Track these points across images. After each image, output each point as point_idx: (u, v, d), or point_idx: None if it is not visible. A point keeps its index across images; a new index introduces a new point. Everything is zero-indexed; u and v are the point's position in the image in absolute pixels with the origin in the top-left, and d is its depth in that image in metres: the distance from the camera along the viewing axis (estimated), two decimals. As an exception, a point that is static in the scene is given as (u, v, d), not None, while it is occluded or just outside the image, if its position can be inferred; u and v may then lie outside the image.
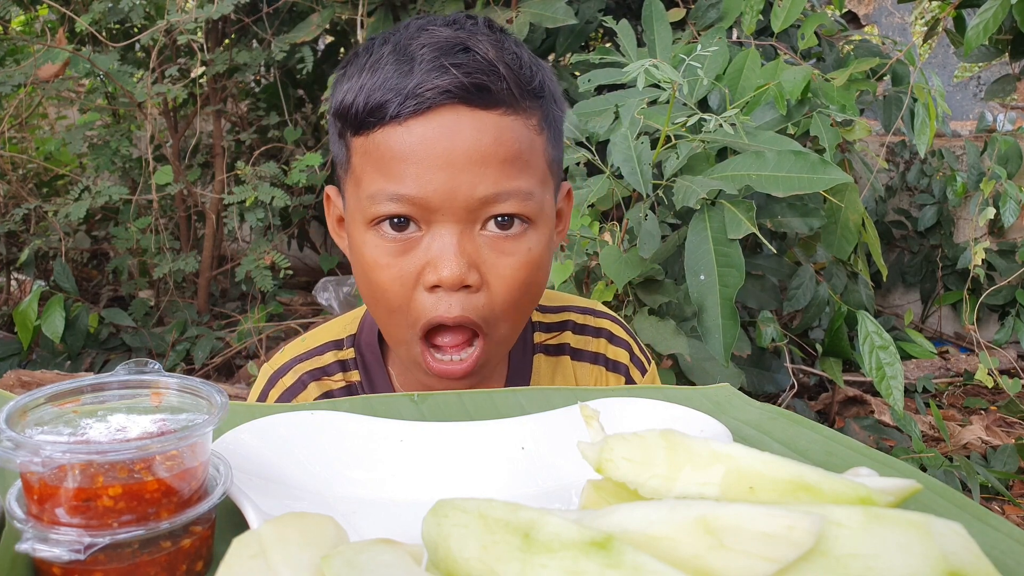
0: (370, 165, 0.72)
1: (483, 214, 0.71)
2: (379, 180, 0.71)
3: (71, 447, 0.39)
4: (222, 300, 3.18)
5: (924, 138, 1.98)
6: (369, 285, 0.75)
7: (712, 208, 1.40)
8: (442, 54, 0.69)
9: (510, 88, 0.70)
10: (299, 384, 0.84)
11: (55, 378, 2.24)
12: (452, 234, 0.70)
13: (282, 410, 0.59)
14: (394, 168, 0.70)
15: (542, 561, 0.33)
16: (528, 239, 0.73)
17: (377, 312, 0.77)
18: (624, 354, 0.92)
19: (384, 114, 0.69)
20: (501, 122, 0.70)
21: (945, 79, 4.70)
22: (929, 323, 3.50)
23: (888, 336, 1.64)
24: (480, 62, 0.70)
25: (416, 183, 0.69)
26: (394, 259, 0.72)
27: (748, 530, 0.34)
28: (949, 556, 0.34)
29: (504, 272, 0.72)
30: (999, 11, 2.11)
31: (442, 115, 0.69)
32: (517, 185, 0.71)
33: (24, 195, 2.87)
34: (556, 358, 0.91)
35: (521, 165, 0.72)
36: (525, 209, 0.72)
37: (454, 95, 0.68)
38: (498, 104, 0.70)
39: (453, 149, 0.69)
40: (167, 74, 2.54)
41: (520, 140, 0.72)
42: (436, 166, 0.69)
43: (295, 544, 0.36)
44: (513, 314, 0.75)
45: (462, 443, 0.58)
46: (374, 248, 0.72)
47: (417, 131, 0.69)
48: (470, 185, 0.69)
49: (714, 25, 2.14)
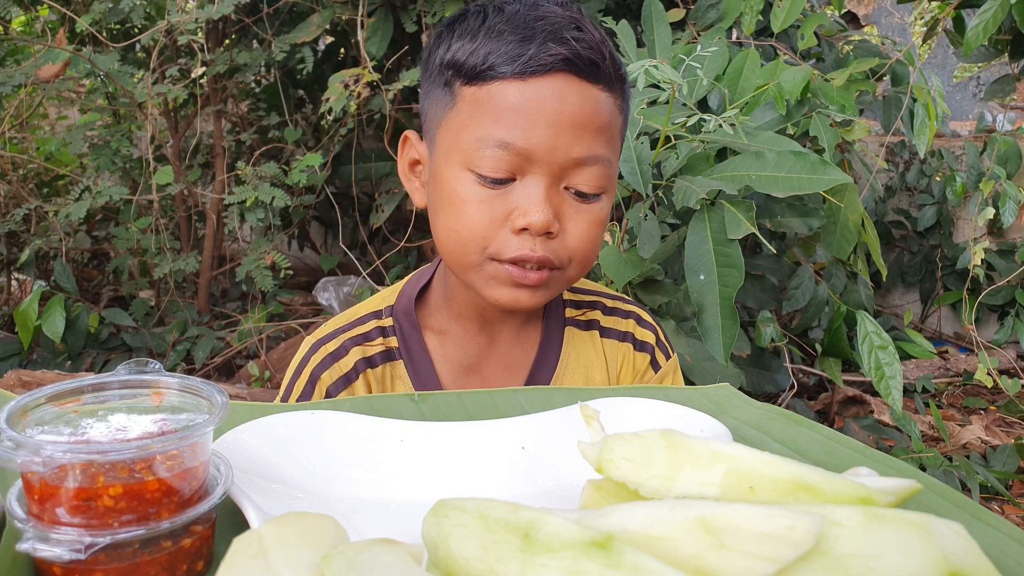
0: (480, 112, 0.78)
1: (571, 175, 0.79)
2: (490, 126, 0.77)
3: (72, 447, 0.39)
4: (222, 300, 3.18)
5: (923, 138, 1.98)
6: (454, 214, 0.80)
7: (712, 208, 1.40)
8: (560, 27, 0.78)
9: (610, 69, 0.80)
10: (342, 349, 0.90)
11: (55, 378, 2.24)
12: (542, 186, 0.78)
13: (282, 410, 0.59)
14: (506, 118, 0.77)
15: (542, 561, 0.33)
16: (602, 203, 0.82)
17: (451, 238, 0.81)
18: (651, 336, 0.98)
19: (504, 71, 0.77)
20: (600, 96, 0.79)
21: (945, 79, 4.70)
22: (928, 323, 3.50)
23: (887, 336, 1.64)
24: (591, 41, 0.78)
25: (524, 134, 0.76)
26: (487, 199, 0.79)
27: (748, 530, 0.34)
28: (949, 556, 0.34)
29: (581, 225, 0.81)
30: (999, 11, 2.11)
31: (555, 80, 0.77)
32: (605, 153, 0.80)
33: (25, 195, 2.87)
34: (587, 332, 0.96)
35: (609, 136, 0.81)
36: (604, 178, 0.81)
37: (571, 63, 0.77)
38: (601, 80, 0.79)
39: (561, 110, 0.77)
40: (167, 74, 2.54)
41: (612, 115, 0.81)
42: (545, 122, 0.76)
43: (295, 544, 0.36)
44: (583, 260, 0.83)
45: (462, 443, 0.58)
46: (470, 185, 0.79)
47: (532, 89, 0.76)
48: (569, 145, 0.77)
49: (714, 25, 2.14)
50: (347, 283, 2.97)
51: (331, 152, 2.88)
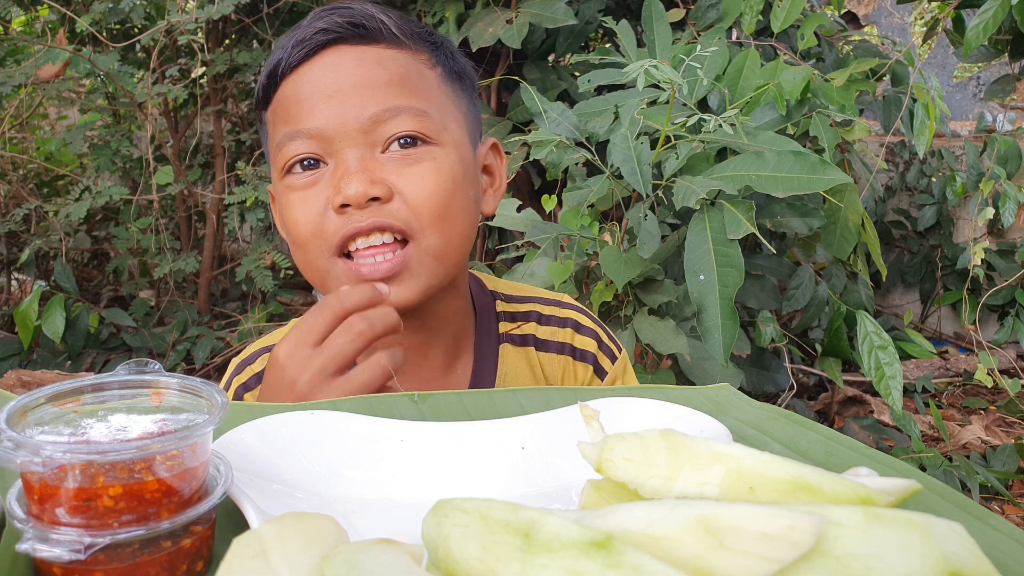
0: (277, 120, 0.78)
1: (381, 135, 0.75)
2: (282, 126, 0.77)
3: (71, 447, 0.39)
4: (222, 300, 3.18)
5: (923, 138, 1.98)
6: (287, 229, 0.79)
7: (712, 208, 1.40)
8: (324, 12, 0.77)
9: (389, 28, 0.77)
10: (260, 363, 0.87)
11: (55, 378, 2.24)
12: (354, 158, 0.74)
13: (282, 410, 0.59)
14: (292, 111, 0.76)
15: (542, 561, 0.33)
16: (432, 151, 0.76)
17: (296, 253, 0.79)
18: (591, 343, 0.92)
19: (279, 72, 0.77)
20: (383, 53, 0.77)
21: (945, 79, 4.70)
22: (928, 323, 3.50)
23: (887, 336, 1.64)
24: (359, 12, 0.77)
25: (310, 117, 0.75)
26: (304, 194, 0.76)
27: (748, 530, 0.34)
28: (949, 556, 0.34)
29: (414, 179, 0.74)
30: (999, 11, 2.11)
31: (326, 56, 0.76)
32: (408, 103, 0.75)
33: (25, 195, 2.87)
34: (522, 348, 0.91)
35: (410, 88, 0.76)
36: (421, 126, 0.75)
37: (331, 33, 0.75)
38: (378, 40, 0.77)
39: (338, 79, 0.75)
40: (167, 74, 2.54)
41: (405, 67, 0.77)
42: (325, 97, 0.74)
43: (295, 544, 0.36)
44: (436, 221, 0.75)
45: (462, 443, 0.58)
46: (288, 192, 0.77)
47: (306, 74, 0.76)
48: (359, 107, 0.74)
49: (714, 25, 2.14)
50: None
51: None
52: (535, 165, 2.46)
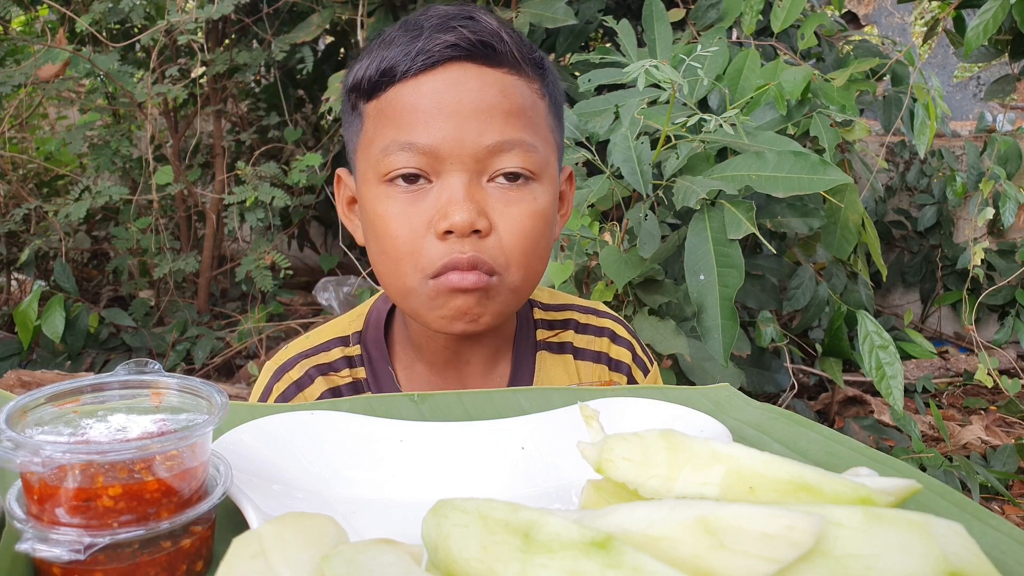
0: (383, 122, 0.75)
1: (491, 165, 0.73)
2: (392, 132, 0.73)
3: (71, 447, 0.39)
4: (222, 300, 3.18)
5: (924, 138, 1.98)
6: (378, 238, 0.76)
7: (712, 208, 1.40)
8: (449, 19, 0.74)
9: (512, 52, 0.75)
10: (306, 378, 0.84)
11: (55, 378, 2.24)
12: (461, 183, 0.72)
13: (282, 410, 0.59)
14: (404, 119, 0.73)
15: (542, 561, 0.33)
16: (533, 190, 0.75)
17: (384, 263, 0.76)
18: (627, 354, 0.92)
19: (395, 74, 0.73)
20: (505, 79, 0.74)
21: (945, 79, 4.69)
22: (929, 323, 3.50)
23: (888, 336, 1.64)
24: (485, 26, 0.74)
25: (425, 131, 0.72)
26: (405, 208, 0.73)
27: (748, 530, 0.34)
28: (949, 556, 0.34)
29: (513, 218, 0.74)
30: (999, 11, 2.11)
31: (449, 70, 0.73)
32: (522, 136, 0.74)
33: (24, 195, 2.87)
34: (559, 356, 0.91)
35: (525, 120, 0.75)
36: (529, 162, 0.74)
37: (461, 50, 0.73)
38: (502, 64, 0.74)
39: (460, 100, 0.72)
40: (167, 74, 2.54)
41: (524, 97, 0.75)
42: (444, 115, 0.72)
43: (295, 544, 0.36)
44: (524, 261, 0.75)
45: (462, 443, 0.58)
46: (386, 200, 0.74)
47: (426, 85, 0.73)
48: (477, 133, 0.72)
49: (714, 25, 2.14)
50: (347, 283, 2.97)
51: (331, 152, 2.88)
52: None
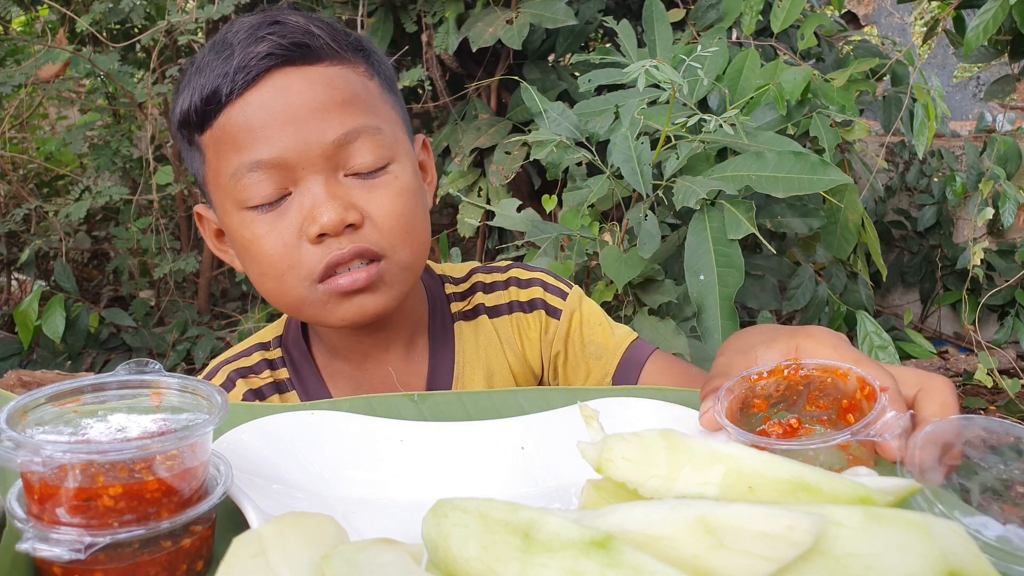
0: (223, 149, 0.74)
1: (343, 160, 0.74)
2: (235, 157, 0.73)
3: (71, 447, 0.39)
4: (222, 300, 3.18)
5: (923, 138, 1.98)
6: (255, 260, 0.76)
7: (712, 208, 1.40)
8: (256, 29, 0.74)
9: (327, 43, 0.75)
10: (228, 382, 0.86)
11: (55, 378, 2.24)
12: (319, 184, 0.73)
13: (282, 410, 0.59)
14: (244, 140, 0.72)
15: (542, 561, 0.33)
16: (392, 171, 0.76)
17: (267, 284, 0.77)
18: (536, 290, 0.93)
19: (219, 98, 0.73)
20: (329, 71, 0.74)
21: (945, 79, 4.69)
22: (928, 323, 3.49)
23: (887, 336, 1.64)
24: (293, 27, 0.74)
25: (268, 146, 0.71)
26: (271, 226, 0.73)
27: (748, 530, 0.34)
28: (948, 556, 0.34)
29: (381, 203, 0.75)
30: (999, 12, 2.11)
31: (272, 79, 0.73)
32: (363, 122, 0.74)
33: (25, 195, 2.87)
34: (475, 321, 0.92)
35: (361, 105, 0.75)
36: (380, 144, 0.75)
37: (277, 57, 0.72)
38: (321, 58, 0.74)
39: (291, 104, 0.72)
40: (167, 74, 2.54)
41: (352, 84, 0.75)
42: (281, 124, 0.71)
43: (295, 544, 0.36)
44: (405, 238, 0.76)
45: (462, 443, 0.58)
46: (252, 224, 0.74)
47: (254, 100, 0.72)
48: (319, 132, 0.72)
49: (714, 25, 2.14)
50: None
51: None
52: (535, 165, 2.46)
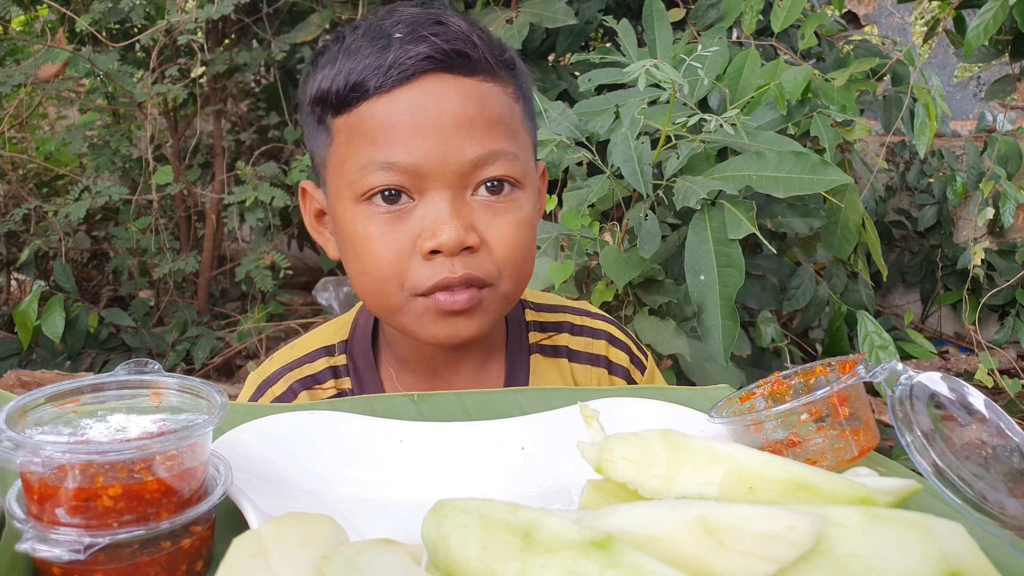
0: (357, 139, 0.71)
1: (474, 178, 0.71)
2: (368, 151, 0.70)
3: (71, 447, 0.39)
4: (222, 300, 3.18)
5: (924, 138, 1.98)
6: (359, 257, 0.73)
7: (712, 208, 1.40)
8: (418, 26, 0.71)
9: (487, 57, 0.72)
10: (289, 393, 0.83)
11: (55, 378, 2.24)
12: (445, 200, 0.70)
13: (282, 410, 0.59)
14: (382, 137, 0.69)
15: (542, 561, 0.33)
16: (518, 199, 0.74)
17: (366, 284, 0.74)
18: (624, 356, 0.92)
19: (367, 88, 0.70)
20: (483, 87, 0.72)
21: (945, 79, 4.69)
22: (929, 323, 3.49)
23: (888, 336, 1.64)
24: (456, 32, 0.71)
25: (406, 149, 0.69)
26: (387, 228, 0.71)
27: (748, 530, 0.34)
28: (949, 556, 0.34)
29: (502, 230, 0.72)
30: (999, 11, 2.11)
31: (425, 82, 0.69)
32: (504, 146, 0.72)
33: (24, 195, 2.87)
34: (554, 359, 0.89)
35: (505, 128, 0.73)
36: (513, 171, 0.73)
37: (436, 61, 0.69)
38: (477, 71, 0.71)
39: (440, 114, 0.69)
40: (167, 74, 2.54)
41: (501, 104, 0.73)
42: (425, 131, 0.69)
43: (295, 544, 0.36)
44: (515, 270, 0.74)
45: (462, 443, 0.58)
46: (366, 220, 0.71)
47: (402, 100, 0.69)
48: (459, 148, 0.70)
49: (714, 25, 2.14)
50: (347, 283, 2.97)
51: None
52: (535, 165, 2.45)
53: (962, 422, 0.49)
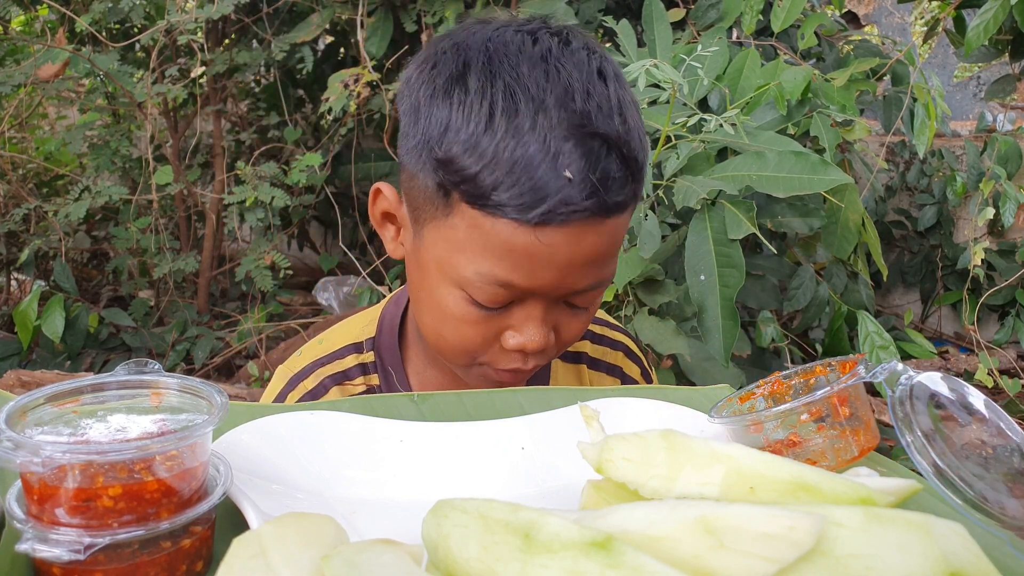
0: (481, 242, 0.66)
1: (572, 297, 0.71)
2: (491, 263, 0.66)
3: (71, 447, 0.39)
4: (222, 300, 3.18)
5: (924, 138, 1.98)
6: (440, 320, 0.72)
7: (712, 208, 1.40)
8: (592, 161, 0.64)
9: (634, 194, 0.69)
10: (321, 388, 0.83)
11: (55, 378, 2.24)
12: (540, 307, 0.70)
13: (282, 410, 0.59)
14: (511, 259, 0.66)
15: (542, 561, 0.33)
16: (597, 301, 0.75)
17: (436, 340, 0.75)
18: (637, 370, 0.94)
19: (516, 217, 0.64)
20: (619, 222, 0.68)
21: (945, 79, 4.69)
22: (929, 323, 3.49)
23: (888, 336, 1.64)
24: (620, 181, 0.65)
25: (529, 276, 0.66)
26: (479, 319, 0.70)
27: (748, 530, 0.34)
28: (949, 556, 0.34)
29: (576, 328, 0.74)
30: (999, 11, 2.11)
31: (574, 225, 0.65)
32: (609, 272, 0.71)
33: (24, 195, 2.87)
34: (574, 366, 0.91)
35: (616, 252, 0.72)
36: (605, 289, 0.75)
37: (594, 216, 0.65)
38: (623, 211, 0.68)
39: (575, 253, 0.66)
40: (167, 74, 2.54)
41: (623, 231, 0.71)
42: (555, 266, 0.66)
43: (295, 544, 0.36)
44: None
45: (462, 443, 0.58)
46: (463, 305, 0.70)
47: (546, 238, 0.64)
48: (576, 279, 0.68)
49: (714, 25, 2.14)
50: (347, 283, 2.97)
51: (331, 152, 2.88)
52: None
53: (962, 422, 0.49)
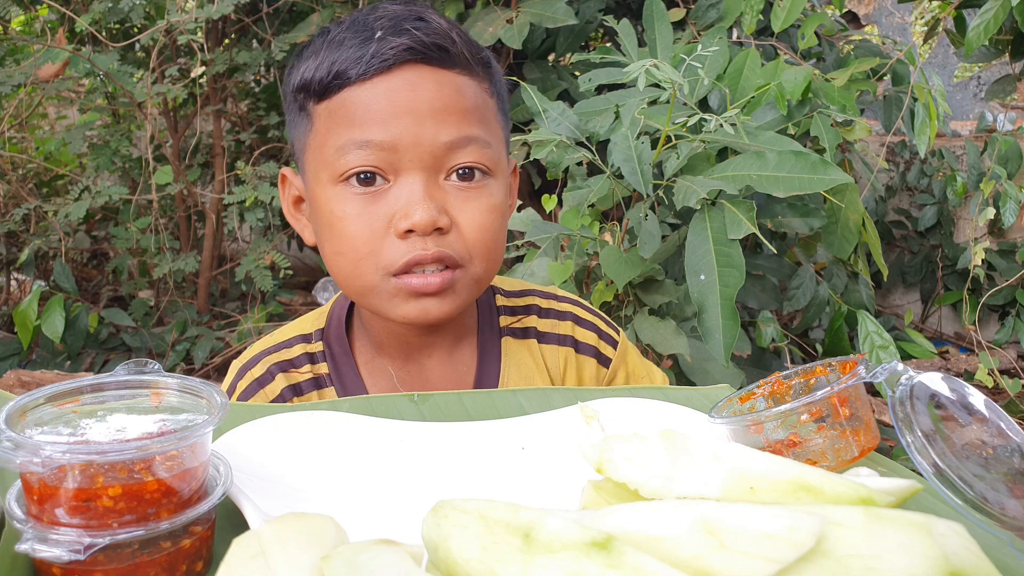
0: (335, 122, 0.75)
1: (447, 163, 0.75)
2: (346, 132, 0.74)
3: (71, 447, 0.39)
4: (222, 300, 3.18)
5: (924, 138, 1.98)
6: (335, 238, 0.77)
7: (712, 208, 1.40)
8: (400, 21, 0.75)
9: (464, 53, 0.77)
10: (267, 375, 0.86)
11: (55, 378, 2.24)
12: (419, 181, 0.74)
13: (282, 410, 0.59)
14: (360, 118, 0.74)
15: (542, 562, 0.33)
16: (489, 185, 0.78)
17: (341, 264, 0.77)
18: (591, 335, 0.93)
19: (348, 76, 0.74)
20: (458, 79, 0.76)
21: (945, 79, 4.69)
22: (929, 323, 3.49)
23: (888, 336, 1.64)
24: (436, 28, 0.76)
25: (383, 129, 0.73)
26: (363, 208, 0.75)
27: (749, 531, 0.34)
28: (950, 556, 0.34)
29: (472, 213, 0.76)
30: (999, 11, 2.10)
31: (404, 72, 0.74)
32: (477, 133, 0.76)
33: (24, 195, 2.87)
34: (524, 341, 0.92)
35: (479, 118, 0.77)
36: (485, 158, 0.77)
37: (415, 52, 0.74)
38: (455, 65, 0.76)
39: (416, 99, 0.73)
40: (167, 74, 2.54)
41: (476, 96, 0.78)
42: (401, 114, 0.73)
43: (295, 544, 0.36)
44: (486, 254, 0.78)
45: (462, 443, 0.58)
46: (342, 201, 0.75)
47: (381, 86, 0.74)
48: (434, 131, 0.74)
49: (714, 25, 2.14)
50: (347, 283, 2.96)
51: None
52: (535, 165, 2.46)
53: (962, 422, 0.49)
